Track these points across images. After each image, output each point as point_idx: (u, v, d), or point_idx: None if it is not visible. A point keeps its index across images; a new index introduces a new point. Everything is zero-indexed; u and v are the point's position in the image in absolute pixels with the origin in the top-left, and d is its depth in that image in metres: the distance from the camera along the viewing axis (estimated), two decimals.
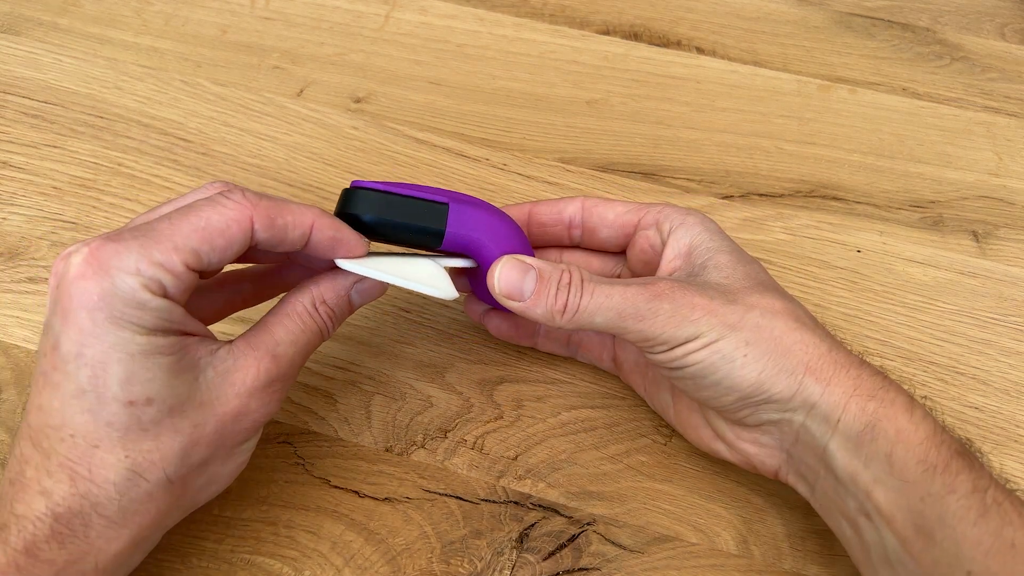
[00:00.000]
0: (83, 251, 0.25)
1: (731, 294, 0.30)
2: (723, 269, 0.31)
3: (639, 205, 0.35)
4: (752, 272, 0.32)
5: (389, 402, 0.37)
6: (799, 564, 0.34)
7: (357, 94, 0.50)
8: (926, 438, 0.28)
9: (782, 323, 0.30)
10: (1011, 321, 0.42)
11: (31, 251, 0.41)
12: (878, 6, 0.58)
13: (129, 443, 0.26)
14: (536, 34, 0.55)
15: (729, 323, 0.29)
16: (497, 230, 0.32)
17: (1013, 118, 0.51)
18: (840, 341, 0.31)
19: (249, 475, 0.35)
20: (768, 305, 0.30)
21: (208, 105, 0.49)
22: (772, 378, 0.29)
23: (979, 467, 0.28)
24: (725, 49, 0.55)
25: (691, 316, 0.29)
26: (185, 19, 0.54)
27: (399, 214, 0.30)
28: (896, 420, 0.28)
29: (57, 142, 0.46)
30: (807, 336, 0.30)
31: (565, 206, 0.36)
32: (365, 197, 0.30)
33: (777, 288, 0.32)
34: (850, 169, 0.48)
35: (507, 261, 0.31)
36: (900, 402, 0.28)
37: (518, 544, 0.34)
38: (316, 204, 0.44)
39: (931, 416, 0.29)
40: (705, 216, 0.34)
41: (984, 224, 0.46)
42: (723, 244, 0.33)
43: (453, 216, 0.31)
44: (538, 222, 0.36)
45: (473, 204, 0.32)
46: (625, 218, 0.35)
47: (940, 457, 0.27)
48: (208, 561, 0.33)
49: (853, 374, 0.29)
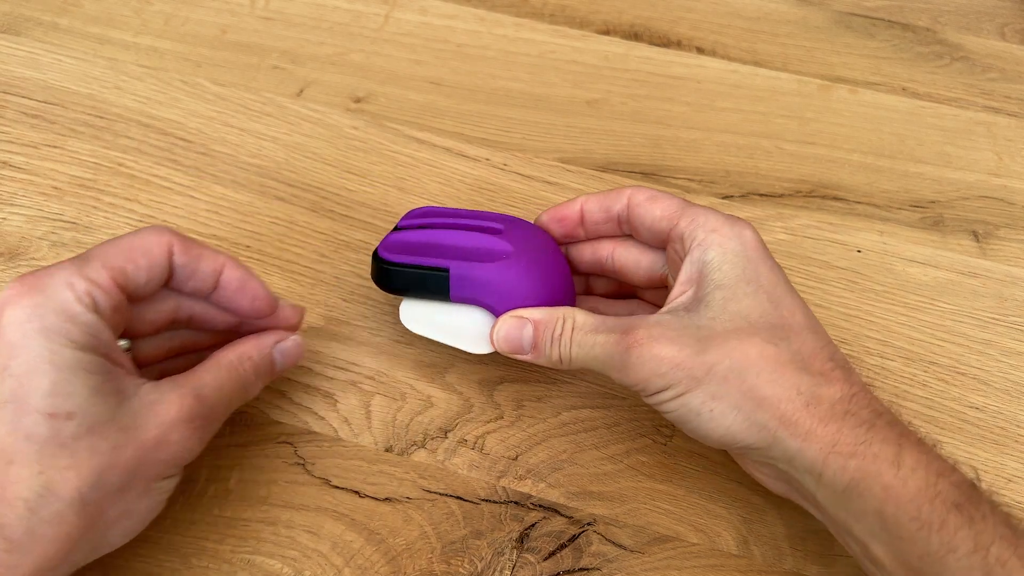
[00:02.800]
0: (16, 280, 0.27)
1: (707, 341, 0.29)
2: (714, 307, 0.31)
3: (676, 209, 0.34)
4: (746, 309, 0.30)
5: (389, 402, 0.37)
6: (799, 564, 0.34)
7: (357, 94, 0.50)
8: (917, 494, 0.26)
9: (756, 373, 0.29)
10: (1011, 321, 0.42)
11: (31, 251, 0.41)
12: (878, 6, 0.58)
13: (45, 457, 0.25)
14: (536, 34, 0.55)
15: (696, 376, 0.29)
16: (500, 286, 0.34)
17: (1013, 118, 0.51)
18: (832, 379, 0.29)
19: (249, 475, 0.35)
20: (743, 354, 0.29)
21: (208, 105, 0.49)
22: (743, 432, 0.29)
23: (981, 519, 0.26)
24: (725, 49, 0.55)
25: (660, 370, 0.29)
26: (185, 19, 0.54)
27: (411, 283, 0.35)
28: (881, 477, 0.27)
29: (57, 142, 0.46)
30: (785, 386, 0.29)
31: (614, 202, 0.35)
32: (380, 269, 0.35)
33: (771, 327, 0.30)
34: (850, 169, 0.48)
35: (504, 321, 0.33)
36: (885, 456, 0.27)
37: (518, 544, 0.34)
38: (316, 204, 0.44)
39: (923, 464, 0.27)
40: (734, 230, 0.32)
41: (984, 224, 0.46)
42: (730, 273, 0.31)
43: (454, 282, 0.34)
44: (591, 220, 0.36)
45: (480, 259, 0.34)
46: (660, 224, 0.34)
47: (934, 513, 0.26)
48: (208, 561, 0.33)
49: (833, 428, 0.28)
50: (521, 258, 0.34)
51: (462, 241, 0.35)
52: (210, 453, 0.35)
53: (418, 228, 0.36)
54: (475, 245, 0.35)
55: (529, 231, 0.36)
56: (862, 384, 0.30)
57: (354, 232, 0.43)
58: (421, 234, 0.36)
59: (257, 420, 0.36)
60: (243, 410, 0.37)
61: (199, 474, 0.35)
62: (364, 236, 0.43)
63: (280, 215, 0.44)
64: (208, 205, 0.44)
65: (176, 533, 0.33)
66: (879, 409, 0.29)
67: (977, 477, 0.31)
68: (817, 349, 0.30)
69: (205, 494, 0.34)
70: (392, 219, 0.44)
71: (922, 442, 0.28)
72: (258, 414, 0.37)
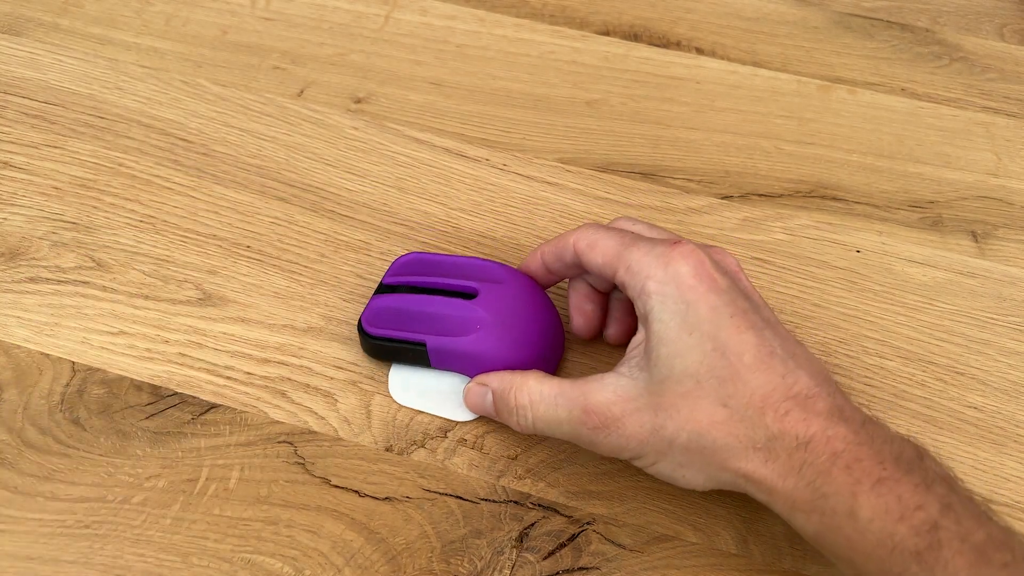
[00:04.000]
0: None
1: (663, 412, 0.30)
2: (662, 366, 0.30)
3: (613, 255, 0.33)
4: (693, 365, 0.30)
5: (389, 402, 0.37)
6: (799, 564, 0.34)
7: (357, 94, 0.50)
8: (877, 546, 0.26)
9: (712, 440, 0.29)
10: (1010, 321, 0.42)
11: (32, 251, 0.42)
12: (877, 6, 0.58)
13: None
14: (536, 34, 0.55)
15: (659, 450, 0.30)
16: (474, 358, 0.36)
17: (1012, 118, 0.51)
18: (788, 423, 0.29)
19: (249, 475, 0.35)
20: (695, 423, 0.29)
21: (209, 105, 0.49)
22: (719, 482, 0.31)
23: (943, 567, 0.25)
24: (725, 49, 0.55)
25: (627, 446, 0.31)
26: (186, 19, 0.54)
27: (393, 354, 0.37)
28: (843, 530, 0.27)
29: (58, 142, 0.46)
30: (741, 446, 0.29)
31: (563, 251, 0.35)
32: (365, 341, 0.37)
33: (719, 381, 0.30)
34: (849, 169, 0.48)
35: (468, 388, 0.36)
36: (841, 510, 0.27)
37: (518, 543, 0.34)
38: (316, 204, 0.44)
39: (880, 512, 0.27)
40: (667, 272, 0.31)
41: (983, 224, 0.46)
42: (670, 324, 0.30)
43: (432, 354, 0.36)
44: (552, 268, 0.37)
45: (454, 331, 0.36)
46: (604, 272, 0.33)
47: (896, 564, 0.26)
48: (208, 561, 0.33)
49: (791, 484, 0.28)
50: (494, 327, 0.35)
51: (439, 308, 0.36)
52: (210, 453, 0.35)
53: (399, 290, 0.38)
54: (450, 313, 0.36)
55: (506, 287, 0.37)
56: (825, 414, 0.29)
57: (354, 232, 0.43)
58: (400, 299, 0.37)
59: (257, 420, 0.37)
60: (243, 410, 0.37)
61: (199, 474, 0.35)
62: (364, 236, 0.43)
63: (280, 215, 0.44)
64: (208, 205, 0.44)
65: (176, 533, 0.33)
66: (837, 449, 0.28)
67: (954, 481, 0.29)
68: (769, 391, 0.29)
69: (205, 494, 0.34)
70: (392, 219, 0.44)
71: (881, 481, 0.27)
72: (258, 414, 0.37)
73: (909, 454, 0.28)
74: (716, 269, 0.31)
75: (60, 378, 0.37)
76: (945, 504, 0.27)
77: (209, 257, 0.42)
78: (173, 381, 0.38)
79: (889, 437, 0.29)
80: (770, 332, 0.31)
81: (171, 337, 0.39)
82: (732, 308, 0.30)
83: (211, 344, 0.39)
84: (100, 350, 0.38)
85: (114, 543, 0.33)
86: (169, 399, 0.37)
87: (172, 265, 0.41)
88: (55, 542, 0.33)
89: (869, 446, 0.28)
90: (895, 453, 0.28)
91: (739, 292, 0.31)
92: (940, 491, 0.27)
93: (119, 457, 0.35)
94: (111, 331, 0.39)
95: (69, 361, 0.38)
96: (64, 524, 0.33)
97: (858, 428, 0.29)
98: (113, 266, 0.41)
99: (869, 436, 0.28)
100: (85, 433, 0.36)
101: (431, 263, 0.39)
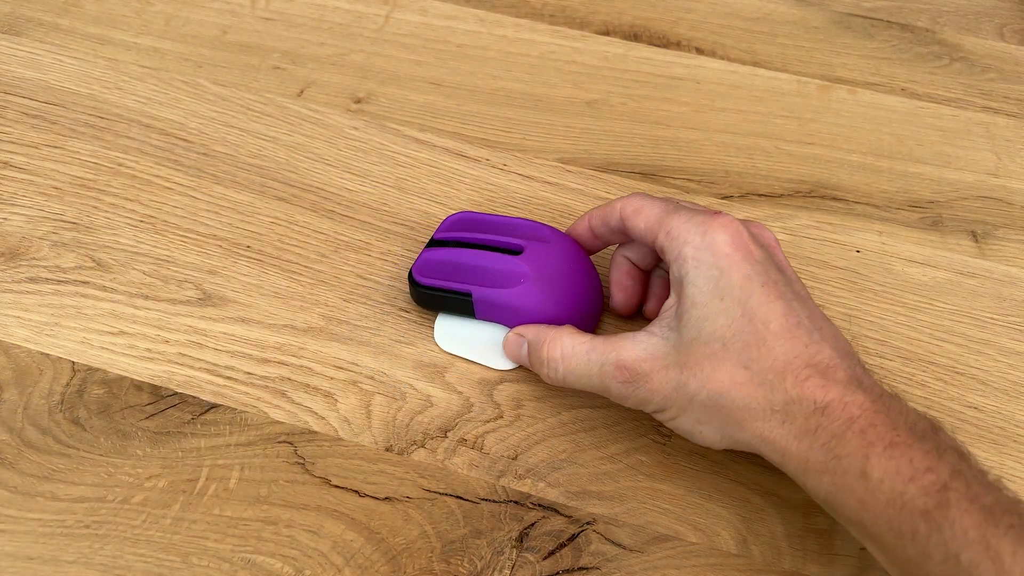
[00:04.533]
0: None
1: (688, 370, 0.31)
2: (691, 327, 0.32)
3: (656, 221, 0.34)
4: (721, 328, 0.31)
5: (389, 402, 0.37)
6: (798, 563, 0.34)
7: (357, 94, 0.50)
8: (886, 505, 0.27)
9: (731, 399, 0.30)
10: (1010, 321, 0.42)
11: (32, 251, 0.42)
12: (877, 6, 0.58)
13: None
14: (536, 35, 0.55)
15: (681, 405, 0.32)
16: (517, 310, 0.37)
17: (1012, 118, 0.51)
18: (807, 389, 0.29)
19: (249, 475, 0.35)
20: (717, 382, 0.31)
21: (209, 105, 0.49)
22: (735, 442, 0.31)
23: (950, 525, 0.26)
24: (725, 49, 0.55)
25: (651, 399, 0.32)
26: (186, 19, 0.54)
27: (440, 304, 0.39)
28: (853, 491, 0.28)
29: (58, 142, 0.46)
30: (759, 407, 0.30)
31: (609, 216, 0.37)
32: (414, 290, 0.39)
33: (744, 346, 0.30)
34: (849, 169, 0.48)
35: (507, 337, 0.37)
36: (852, 470, 0.28)
37: (518, 543, 0.34)
38: (316, 204, 0.44)
39: (890, 472, 0.27)
40: (705, 240, 0.32)
41: (983, 224, 0.46)
42: (704, 288, 0.31)
43: (478, 305, 0.38)
44: (599, 234, 0.38)
45: (500, 283, 0.37)
46: (646, 238, 0.35)
47: (904, 523, 0.26)
48: (208, 561, 0.33)
49: (805, 445, 0.29)
50: (537, 281, 0.37)
51: (485, 262, 0.38)
52: (210, 453, 0.35)
53: (449, 245, 0.39)
54: (496, 267, 0.38)
55: (552, 246, 0.38)
56: (844, 382, 0.29)
57: (354, 232, 0.43)
58: (450, 253, 0.39)
59: (257, 420, 0.37)
60: (243, 410, 0.37)
61: (199, 474, 0.35)
62: (364, 236, 0.43)
63: (280, 215, 0.44)
64: (208, 205, 0.44)
65: (176, 533, 0.33)
66: (853, 414, 0.28)
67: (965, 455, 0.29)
68: (792, 357, 0.30)
69: (205, 494, 0.34)
70: (392, 219, 0.44)
71: (894, 445, 0.28)
72: (258, 414, 0.37)
73: (924, 426, 0.29)
74: (752, 241, 0.33)
75: (60, 378, 0.37)
76: (955, 469, 0.27)
77: (209, 257, 0.42)
78: (173, 381, 0.38)
79: (905, 410, 0.30)
80: (799, 304, 0.32)
81: (171, 337, 0.39)
82: (764, 278, 0.32)
83: (211, 344, 0.39)
84: (100, 350, 0.38)
85: (114, 543, 0.33)
86: (169, 399, 0.37)
87: (172, 265, 0.41)
88: (55, 542, 0.33)
89: (885, 414, 0.29)
90: (910, 423, 0.29)
91: (773, 264, 0.33)
92: (951, 459, 0.28)
93: (119, 457, 0.35)
94: (111, 331, 0.39)
95: (69, 361, 0.38)
96: (64, 524, 0.33)
97: (875, 398, 0.29)
98: (113, 266, 0.41)
99: (885, 406, 0.29)
100: (85, 433, 0.36)
101: (481, 221, 0.41)
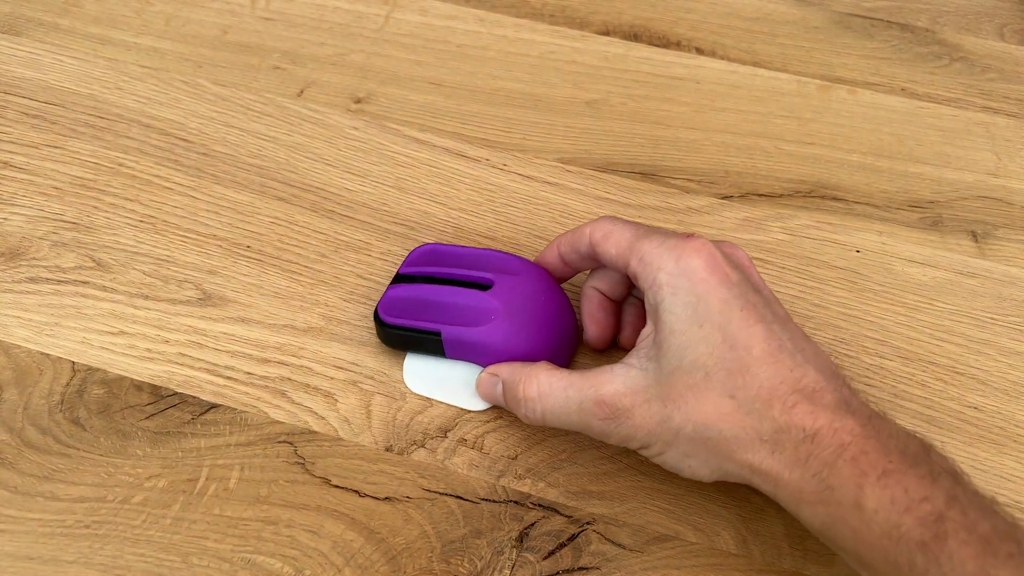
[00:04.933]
0: None
1: (671, 403, 0.30)
2: (672, 357, 0.31)
3: (627, 246, 0.33)
4: (702, 357, 0.30)
5: (389, 402, 0.37)
6: (798, 563, 0.34)
7: (357, 94, 0.50)
8: (882, 536, 0.26)
9: (718, 431, 0.30)
10: (1010, 321, 0.42)
11: (32, 251, 0.42)
12: (877, 6, 0.58)
13: None
14: (536, 35, 0.55)
15: (666, 440, 0.31)
16: (487, 348, 0.36)
17: (1012, 118, 0.51)
18: (795, 416, 0.29)
19: (249, 475, 0.35)
20: (702, 414, 0.30)
21: (209, 105, 0.49)
22: (725, 474, 0.31)
23: (947, 559, 0.25)
24: (725, 49, 0.55)
25: (636, 435, 0.31)
26: (186, 19, 0.54)
27: (408, 344, 0.38)
28: (849, 522, 0.27)
29: (58, 142, 0.46)
30: (747, 437, 0.29)
31: (579, 242, 0.36)
32: (381, 330, 0.38)
33: (728, 373, 0.30)
34: (849, 169, 0.48)
35: (480, 377, 0.36)
36: (846, 501, 0.27)
37: (518, 543, 0.34)
38: (316, 204, 0.44)
39: (885, 503, 0.27)
40: (679, 266, 0.31)
41: (983, 224, 0.46)
42: (681, 316, 0.31)
43: (447, 344, 0.37)
44: (569, 260, 0.37)
45: (469, 321, 0.36)
46: (617, 264, 0.34)
47: (901, 556, 0.26)
48: (208, 561, 0.33)
49: (797, 475, 0.28)
50: (508, 317, 0.36)
51: (454, 298, 0.37)
52: (210, 453, 0.35)
53: (416, 280, 0.38)
54: (466, 303, 0.36)
55: (521, 279, 0.37)
56: (832, 407, 0.29)
57: (354, 232, 0.43)
58: (416, 289, 0.38)
59: (257, 420, 0.37)
60: (243, 410, 0.37)
61: (199, 474, 0.35)
62: (364, 236, 0.43)
63: (280, 215, 0.44)
64: (208, 205, 0.44)
65: (176, 533, 0.33)
66: (844, 441, 0.28)
67: (959, 474, 0.29)
68: (777, 383, 0.29)
69: (205, 494, 0.34)
70: (392, 219, 0.44)
71: (887, 473, 0.27)
72: (258, 414, 0.37)
73: (915, 448, 0.28)
74: (728, 263, 0.32)
75: (60, 378, 0.37)
76: (951, 496, 0.27)
77: (209, 257, 0.42)
78: (173, 381, 0.38)
79: (895, 432, 0.29)
80: (779, 326, 0.31)
81: (171, 337, 0.39)
82: (742, 301, 0.31)
83: (211, 344, 0.39)
84: (100, 350, 0.38)
85: (114, 543, 0.33)
86: (169, 399, 0.37)
87: (172, 265, 0.41)
88: (55, 542, 0.33)
89: (876, 439, 0.28)
90: (901, 447, 0.28)
91: (750, 286, 0.32)
92: (946, 484, 0.27)
93: (119, 457, 0.35)
94: (111, 331, 0.39)
95: (69, 361, 0.38)
96: (64, 524, 0.33)
97: (865, 422, 0.29)
98: (113, 266, 0.41)
99: (875, 430, 0.28)
100: (85, 433, 0.36)
101: (447, 254, 0.39)
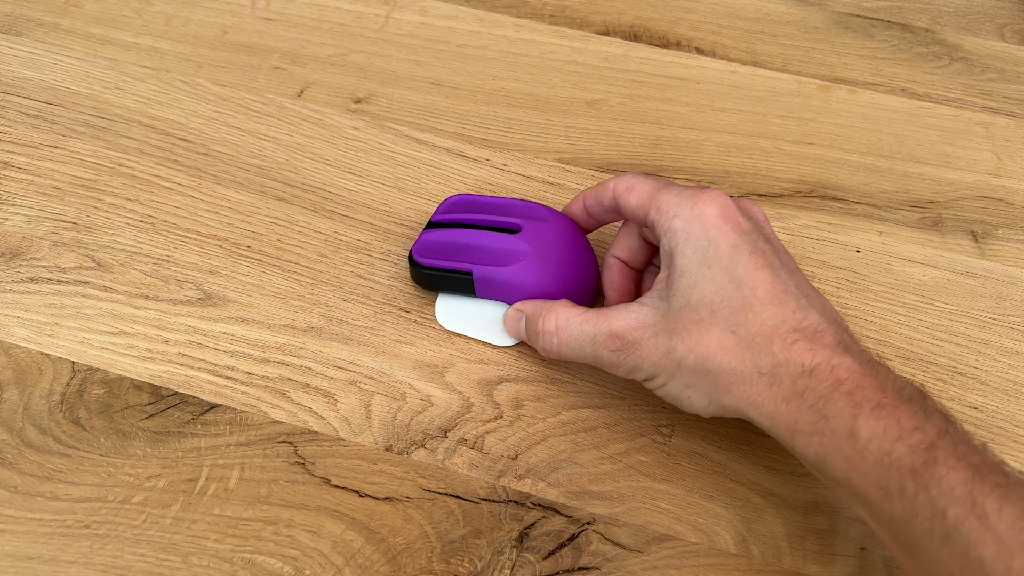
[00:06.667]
0: None
1: (676, 336, 0.32)
2: (680, 295, 0.32)
3: (647, 197, 0.35)
4: (709, 295, 0.32)
5: (389, 402, 0.37)
6: (798, 563, 0.34)
7: (357, 94, 0.50)
8: (874, 464, 0.27)
9: (717, 363, 0.31)
10: (1010, 321, 0.42)
11: (32, 251, 0.42)
12: (877, 7, 0.58)
13: None
14: (536, 35, 0.55)
15: (670, 371, 0.32)
16: (516, 287, 0.38)
17: (1012, 118, 0.51)
18: (794, 352, 0.30)
19: (249, 475, 0.35)
20: (704, 347, 0.31)
21: (209, 105, 0.49)
22: (722, 408, 0.32)
23: (936, 483, 0.26)
24: (725, 49, 0.55)
25: (642, 366, 0.33)
26: (186, 19, 0.54)
27: (440, 283, 0.39)
28: (842, 451, 0.28)
29: (58, 142, 0.46)
30: (746, 370, 0.30)
31: (603, 195, 0.37)
32: (414, 270, 0.39)
33: (732, 311, 0.31)
34: (849, 169, 0.48)
35: (507, 312, 0.39)
36: (841, 430, 0.28)
37: (518, 543, 0.34)
38: (316, 204, 0.44)
39: (878, 432, 0.27)
40: (694, 212, 0.33)
41: (983, 224, 0.46)
42: (692, 258, 0.32)
43: (478, 283, 0.38)
44: (594, 213, 0.39)
45: (499, 261, 0.38)
46: (637, 215, 0.35)
47: (892, 481, 0.27)
48: (208, 561, 0.33)
49: (793, 407, 0.29)
50: (535, 258, 0.38)
51: (484, 241, 0.39)
52: (210, 453, 0.35)
53: (447, 226, 0.40)
54: (495, 246, 0.38)
55: (549, 224, 0.39)
56: (831, 346, 0.30)
57: (354, 232, 0.43)
58: (449, 234, 0.40)
59: (257, 420, 0.37)
60: (243, 410, 0.37)
61: (199, 474, 0.35)
62: (364, 236, 0.43)
63: (280, 215, 0.44)
64: (208, 205, 0.44)
65: (176, 533, 0.33)
66: (841, 376, 0.29)
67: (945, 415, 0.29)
68: (779, 322, 0.31)
69: (205, 494, 0.34)
70: (392, 219, 0.44)
71: (881, 406, 0.28)
72: (258, 414, 0.37)
73: (911, 390, 0.29)
74: (740, 213, 0.33)
75: (60, 378, 0.37)
76: (942, 430, 0.27)
77: (209, 257, 0.42)
78: (173, 381, 0.38)
79: (893, 375, 0.30)
80: (786, 273, 0.32)
81: (171, 337, 0.39)
82: (752, 247, 0.32)
83: (211, 344, 0.39)
84: (100, 350, 0.38)
85: (114, 543, 0.33)
86: (169, 399, 0.37)
87: (172, 265, 0.41)
88: (55, 542, 0.33)
89: (873, 377, 0.29)
90: (897, 386, 0.29)
91: (760, 235, 0.33)
92: (938, 420, 0.28)
93: (119, 457, 0.35)
94: (111, 331, 0.39)
95: (69, 361, 0.38)
96: (64, 524, 0.33)
97: (863, 363, 0.30)
98: (113, 266, 0.41)
99: (873, 370, 0.29)
100: (85, 433, 0.36)
101: (477, 203, 0.41)
